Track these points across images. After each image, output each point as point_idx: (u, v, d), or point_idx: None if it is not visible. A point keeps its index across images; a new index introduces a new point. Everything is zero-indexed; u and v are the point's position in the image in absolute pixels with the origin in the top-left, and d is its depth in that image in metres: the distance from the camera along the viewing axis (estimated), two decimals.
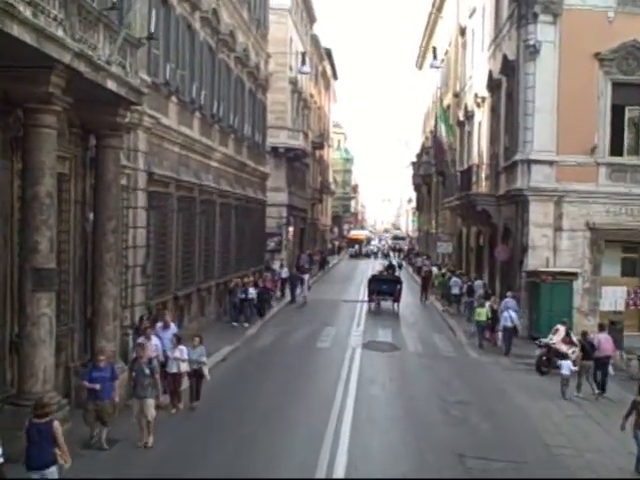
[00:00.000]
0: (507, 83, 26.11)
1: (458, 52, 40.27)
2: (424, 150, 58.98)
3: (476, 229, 33.57)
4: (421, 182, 59.06)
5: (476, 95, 32.39)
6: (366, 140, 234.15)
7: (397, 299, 30.33)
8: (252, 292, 25.11)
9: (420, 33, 59.64)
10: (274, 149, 40.91)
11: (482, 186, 30.30)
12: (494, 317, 22.43)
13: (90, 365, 12.40)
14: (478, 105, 32.39)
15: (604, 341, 17.46)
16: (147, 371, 12.08)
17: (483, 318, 22.52)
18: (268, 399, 15.11)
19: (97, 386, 11.54)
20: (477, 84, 32.76)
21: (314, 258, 52.57)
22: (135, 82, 13.69)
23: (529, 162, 23.44)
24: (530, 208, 23.48)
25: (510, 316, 21.40)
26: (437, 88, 46.95)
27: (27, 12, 9.21)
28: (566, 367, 16.67)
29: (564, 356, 17.94)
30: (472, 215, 31.97)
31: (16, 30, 9.00)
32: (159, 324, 15.07)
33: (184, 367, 13.84)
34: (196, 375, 14.12)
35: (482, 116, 32.00)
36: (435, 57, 33.81)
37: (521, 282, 24.05)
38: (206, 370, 14.34)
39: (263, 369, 18.41)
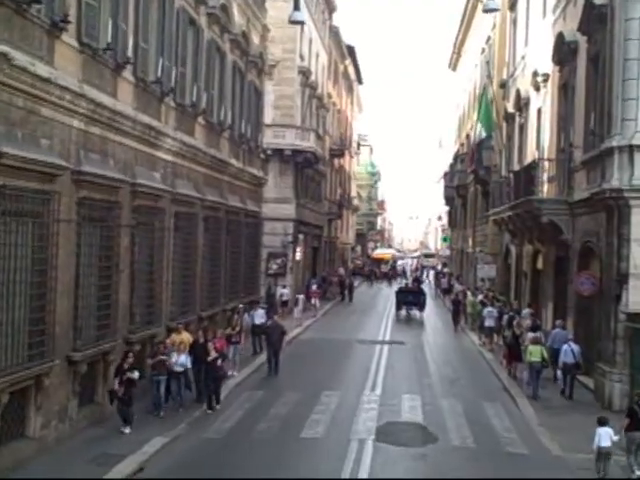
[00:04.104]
0: (590, 43, 18.23)
1: (505, 35, 33.24)
2: (459, 158, 51.36)
3: (532, 248, 25.78)
4: (455, 194, 51.44)
5: (535, 74, 24.57)
6: (393, 155, 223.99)
7: (422, 308, 34.83)
8: (182, 361, 15.36)
9: (454, 30, 52.17)
10: (279, 151, 33.48)
11: (542, 191, 22.49)
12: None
13: None
14: (537, 87, 24.61)
15: None
16: None
17: (537, 358, 17.89)
18: None
19: None
20: (535, 62, 25.12)
21: (332, 280, 45.09)
22: None
23: (631, 148, 15.70)
24: (632, 217, 15.88)
25: (572, 349, 17.49)
26: (483, 71, 38.88)
27: None
28: (606, 436, 11.88)
29: None
30: (529, 229, 24.33)
31: None
32: None
33: None
34: None
35: (543, 100, 24.16)
36: None
37: (617, 328, 16.30)
38: None
39: None
